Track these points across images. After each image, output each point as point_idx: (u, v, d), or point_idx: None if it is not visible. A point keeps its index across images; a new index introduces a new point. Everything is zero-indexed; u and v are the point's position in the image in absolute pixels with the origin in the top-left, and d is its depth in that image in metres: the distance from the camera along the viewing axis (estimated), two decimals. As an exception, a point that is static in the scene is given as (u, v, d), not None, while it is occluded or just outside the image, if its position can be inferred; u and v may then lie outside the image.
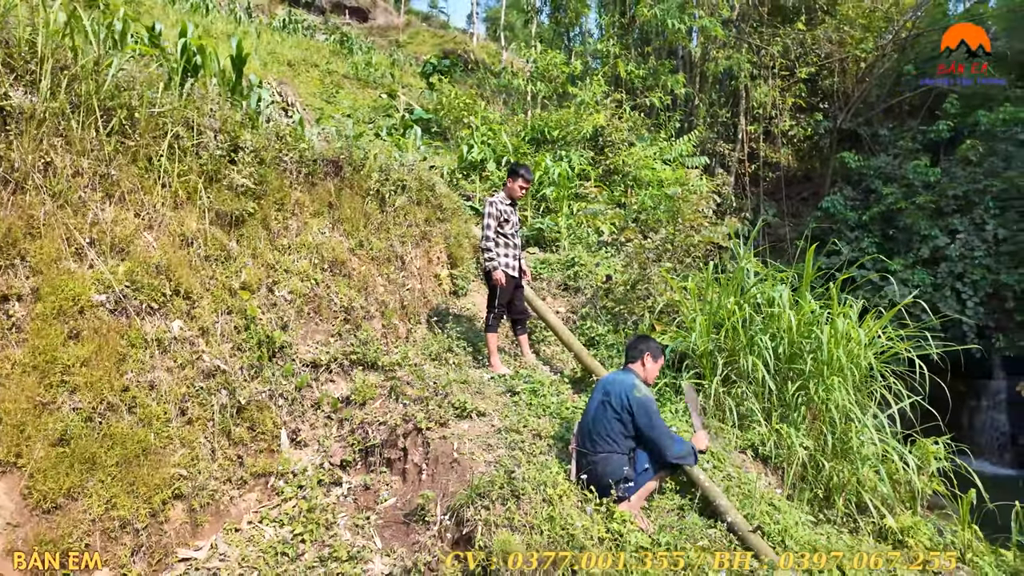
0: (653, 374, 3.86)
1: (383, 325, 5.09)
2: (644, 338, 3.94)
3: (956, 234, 13.20)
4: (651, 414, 3.51)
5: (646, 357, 3.81)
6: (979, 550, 4.39)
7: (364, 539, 3.43)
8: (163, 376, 3.48)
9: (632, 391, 3.55)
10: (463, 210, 7.14)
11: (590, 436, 3.59)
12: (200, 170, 4.19)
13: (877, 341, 4.96)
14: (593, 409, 3.67)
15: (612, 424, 3.53)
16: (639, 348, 3.85)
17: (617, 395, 3.57)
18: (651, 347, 3.85)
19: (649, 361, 3.81)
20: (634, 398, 3.53)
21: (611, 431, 3.53)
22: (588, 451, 3.57)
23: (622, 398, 3.55)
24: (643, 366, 3.81)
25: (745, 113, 14.98)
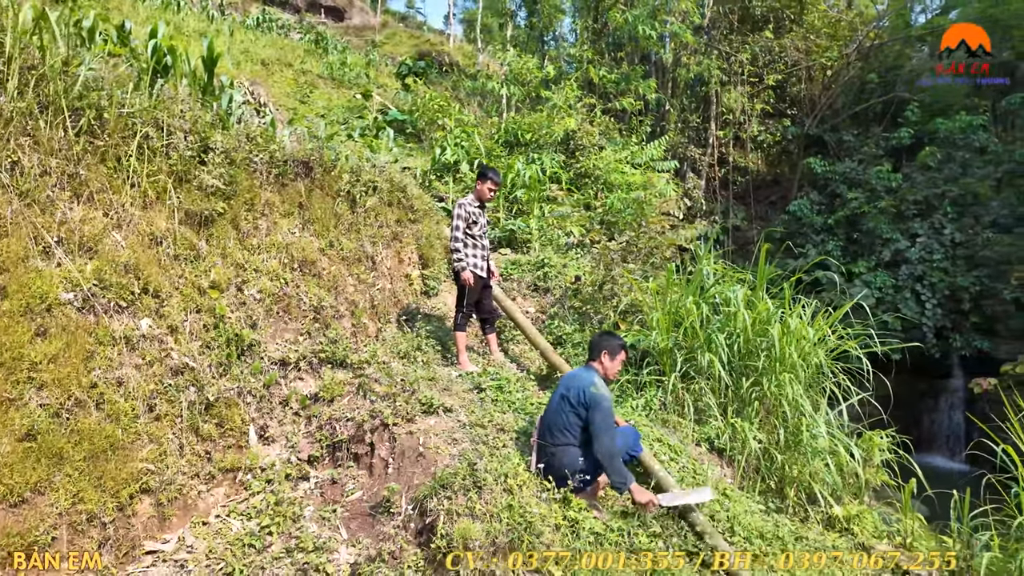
0: (613, 370, 3.97)
1: (353, 324, 5.19)
2: (605, 335, 4.06)
3: (916, 238, 13.70)
4: (604, 412, 3.61)
5: (603, 355, 3.92)
6: (920, 535, 4.65)
7: (330, 530, 3.53)
8: (131, 373, 3.54)
9: (590, 387, 3.68)
10: (435, 211, 7.25)
11: (550, 429, 3.74)
12: (170, 170, 4.24)
13: (828, 340, 5.20)
14: (554, 403, 3.82)
15: (570, 418, 3.67)
16: (599, 346, 3.96)
17: (576, 390, 3.70)
18: (609, 344, 3.95)
19: (607, 359, 3.92)
20: (590, 393, 3.65)
21: (568, 424, 3.67)
22: (547, 443, 3.71)
23: (580, 393, 3.68)
24: (602, 363, 3.92)
25: (715, 118, 15.33)
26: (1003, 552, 3.96)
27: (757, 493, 4.57)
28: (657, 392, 5.04)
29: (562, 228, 8.17)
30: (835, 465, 4.73)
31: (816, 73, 16.77)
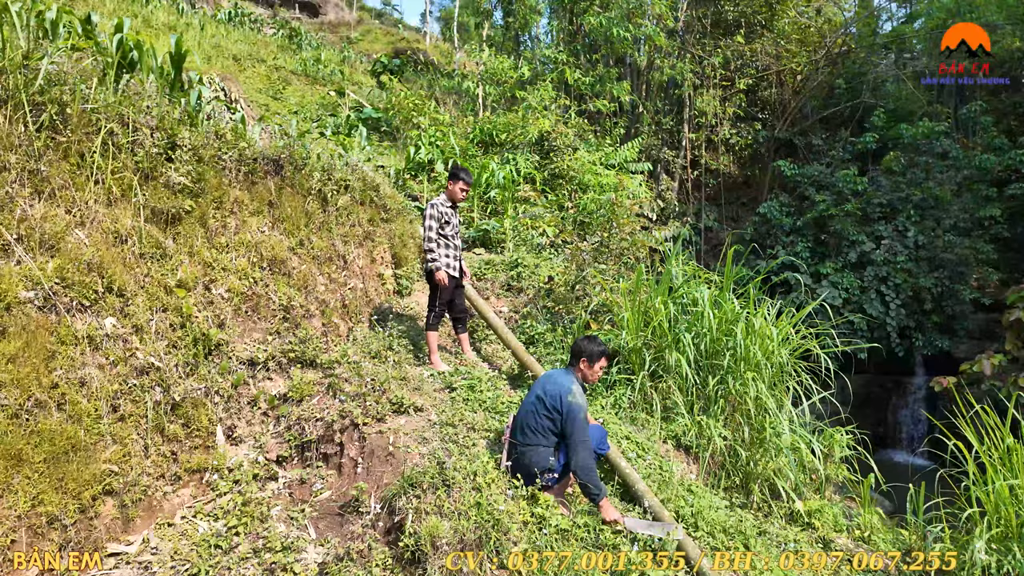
0: (592, 376, 3.94)
1: (323, 324, 5.16)
2: (587, 339, 3.99)
3: (881, 240, 14.07)
4: (579, 424, 3.60)
5: (582, 362, 3.90)
6: (878, 529, 4.81)
7: (298, 530, 3.53)
8: (94, 373, 3.48)
9: (567, 395, 3.67)
10: (408, 210, 7.24)
11: (522, 428, 3.75)
12: (135, 167, 4.18)
13: (792, 339, 5.34)
14: (529, 404, 3.81)
15: (542, 420, 3.68)
16: (579, 350, 3.93)
17: (552, 395, 3.70)
18: (590, 350, 3.90)
19: (585, 365, 3.90)
20: (566, 402, 3.64)
21: (540, 426, 3.68)
22: (519, 442, 3.73)
23: (556, 399, 3.68)
24: (580, 369, 3.91)
25: (688, 121, 15.56)
26: (953, 543, 4.13)
27: (722, 489, 4.68)
28: (626, 390, 5.12)
29: (535, 228, 8.23)
30: (797, 461, 4.87)
31: (786, 78, 17.12)
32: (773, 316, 5.31)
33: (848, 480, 5.39)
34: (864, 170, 15.68)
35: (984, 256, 13.17)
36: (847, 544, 4.55)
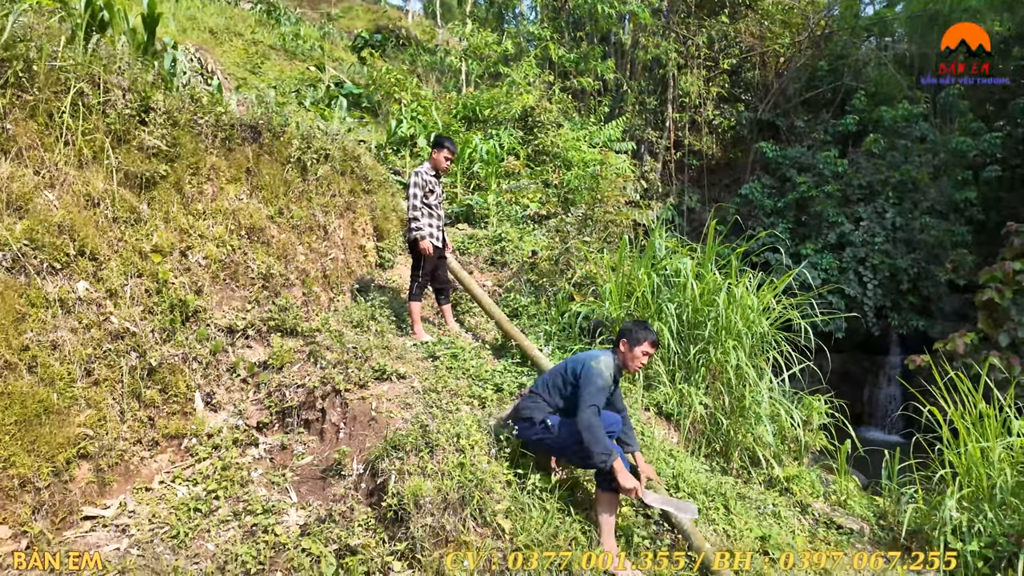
0: (634, 363, 3.59)
1: (304, 293, 5.10)
2: (635, 324, 3.68)
3: (860, 221, 14.23)
4: (590, 385, 3.35)
5: (622, 343, 3.61)
6: (853, 494, 4.91)
7: (280, 494, 3.50)
8: (67, 336, 3.40)
9: (591, 361, 3.50)
10: (390, 183, 7.16)
11: (537, 383, 3.71)
12: (107, 129, 4.06)
13: (772, 311, 5.39)
14: (557, 366, 3.73)
15: (556, 379, 3.58)
16: (620, 332, 3.68)
17: (578, 360, 3.56)
18: (631, 332, 3.61)
19: (625, 347, 3.60)
20: (587, 366, 3.46)
21: (552, 384, 3.58)
22: (529, 394, 3.67)
23: (579, 363, 3.53)
24: (620, 352, 3.62)
25: (672, 101, 15.54)
26: (926, 504, 4.23)
27: (703, 456, 4.74)
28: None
29: (519, 203, 8.19)
30: (777, 429, 4.94)
31: (769, 59, 17.14)
32: (754, 287, 5.35)
33: (826, 449, 5.48)
34: (845, 152, 15.81)
35: (959, 238, 13.39)
36: (823, 508, 4.63)
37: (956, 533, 3.80)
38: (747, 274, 5.38)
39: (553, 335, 5.60)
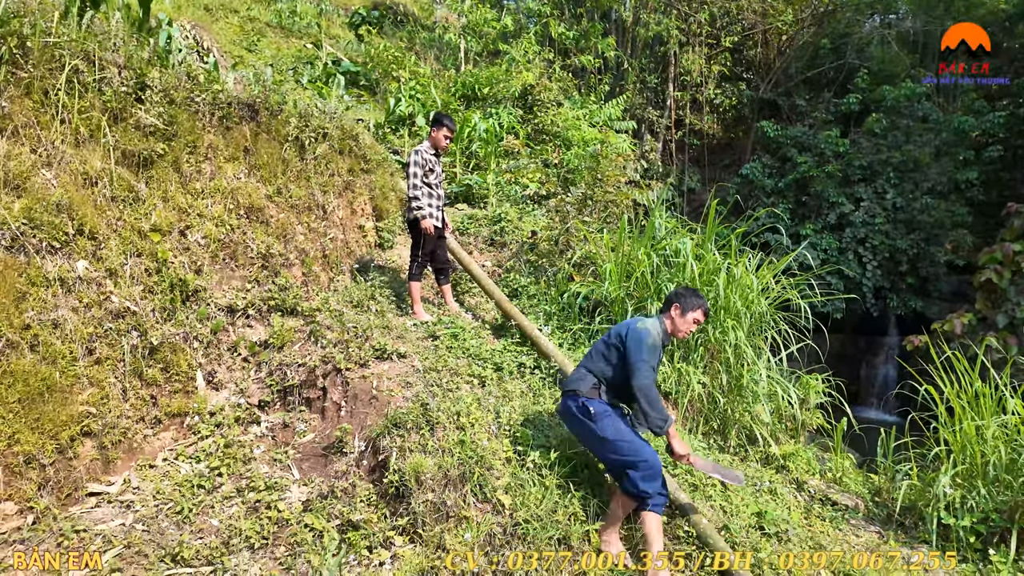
0: (682, 328, 3.41)
1: (303, 273, 5.10)
2: (685, 290, 3.54)
3: (860, 202, 14.18)
4: (640, 345, 3.19)
5: (674, 309, 3.42)
6: (849, 471, 4.97)
7: (282, 471, 3.54)
8: (68, 315, 3.41)
9: (637, 323, 3.34)
10: (389, 162, 7.11)
11: (584, 357, 3.52)
12: (103, 107, 4.03)
13: (771, 290, 5.40)
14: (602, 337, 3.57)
15: (600, 346, 3.42)
16: (670, 298, 3.50)
17: (624, 325, 3.41)
18: (684, 297, 3.45)
19: (677, 314, 3.41)
20: (634, 328, 3.30)
21: (597, 351, 3.42)
22: (576, 368, 3.51)
23: (623, 327, 3.37)
24: (671, 317, 3.43)
25: (674, 80, 15.38)
26: (920, 481, 4.28)
27: (700, 434, 4.78)
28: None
29: (518, 182, 8.15)
30: (774, 408, 4.98)
31: (772, 37, 16.93)
32: (753, 267, 5.35)
33: (822, 427, 5.53)
34: (846, 132, 15.69)
35: (960, 219, 13.36)
36: (819, 485, 4.69)
37: (949, 509, 3.85)
38: (746, 254, 5.38)
39: (552, 315, 5.61)
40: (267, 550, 3.00)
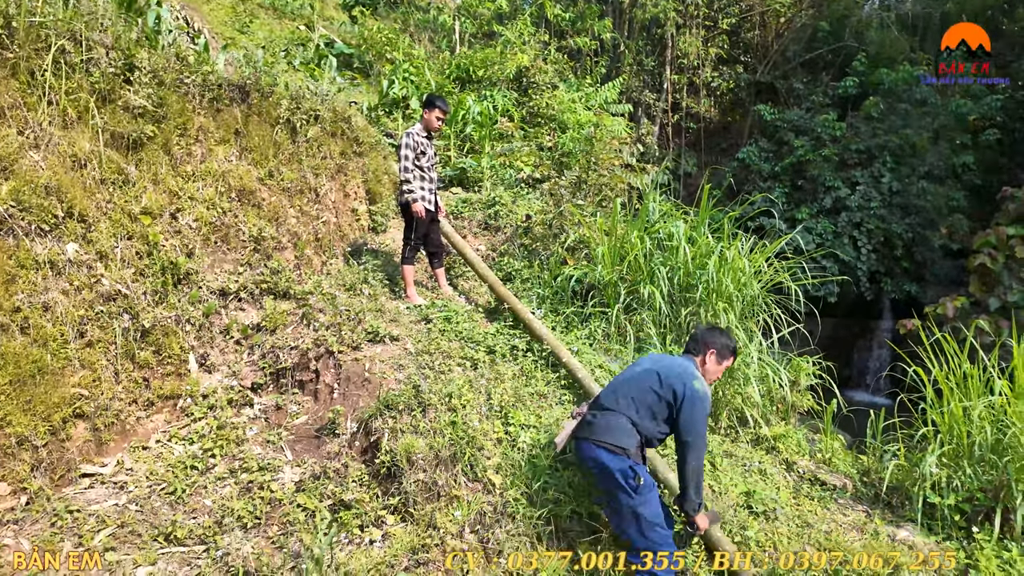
0: (714, 375, 3.16)
1: (296, 256, 5.09)
2: (716, 331, 3.21)
3: (857, 186, 14.15)
4: (698, 411, 2.84)
5: (710, 355, 3.11)
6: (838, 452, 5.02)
7: (275, 452, 3.57)
8: (58, 298, 3.41)
9: (692, 380, 2.91)
10: (382, 145, 7.07)
11: (615, 391, 3.01)
12: (91, 88, 3.99)
13: (764, 274, 5.41)
14: (635, 372, 3.07)
15: (648, 395, 2.91)
16: (705, 341, 3.14)
17: (675, 375, 2.92)
18: (721, 343, 3.13)
19: (712, 360, 3.12)
20: (692, 387, 2.87)
21: (642, 398, 2.91)
22: (603, 406, 2.99)
23: (677, 381, 2.90)
24: (703, 363, 3.11)
25: (670, 63, 15.26)
26: (908, 461, 4.34)
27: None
28: (601, 323, 5.18)
29: (512, 166, 8.12)
30: (765, 390, 5.01)
31: (769, 19, 16.79)
32: (746, 250, 5.36)
33: (813, 409, 5.57)
34: (843, 115, 15.61)
35: (956, 203, 13.35)
36: (808, 466, 4.74)
37: (935, 488, 3.90)
38: (739, 237, 5.38)
39: (546, 298, 5.63)
40: (260, 529, 3.03)
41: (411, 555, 2.88)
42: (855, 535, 3.58)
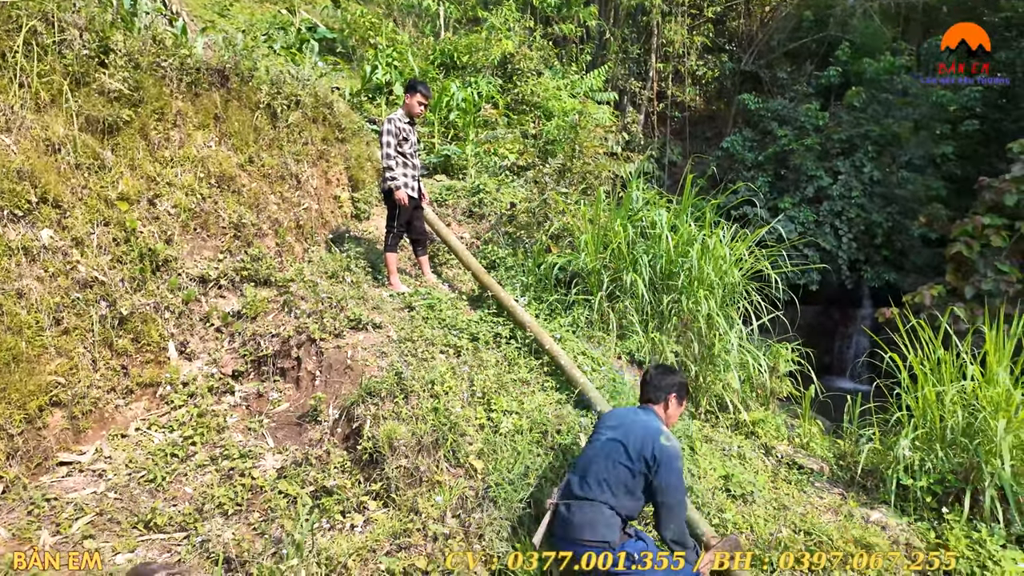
0: (675, 418, 3.04)
1: (277, 244, 5.05)
2: (669, 371, 3.06)
3: (838, 175, 14.30)
4: (674, 472, 2.67)
5: (671, 398, 2.98)
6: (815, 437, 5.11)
7: (256, 439, 3.56)
8: (33, 285, 3.36)
9: (659, 439, 2.72)
10: (365, 131, 7.00)
11: (584, 477, 2.77)
12: (64, 71, 3.91)
13: (745, 262, 5.46)
14: (599, 446, 2.82)
15: (619, 471, 2.70)
16: (664, 385, 2.98)
17: (640, 442, 2.73)
18: (676, 385, 3.00)
19: (673, 404, 2.99)
20: (662, 448, 2.69)
21: (615, 478, 2.70)
22: (576, 495, 2.74)
23: (645, 448, 2.70)
24: (666, 409, 2.98)
25: (656, 51, 15.24)
26: (883, 445, 4.43)
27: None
28: (584, 310, 5.21)
29: (497, 153, 8.09)
30: (745, 376, 5.08)
31: (755, 8, 16.82)
32: (728, 238, 5.40)
33: (792, 395, 5.66)
34: (826, 105, 15.73)
35: (935, 193, 13.54)
36: (786, 450, 4.83)
37: (908, 471, 4.00)
38: (722, 226, 5.42)
39: (529, 286, 5.64)
40: (241, 516, 3.03)
41: (393, 540, 2.90)
42: (830, 517, 3.67)
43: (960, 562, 3.24)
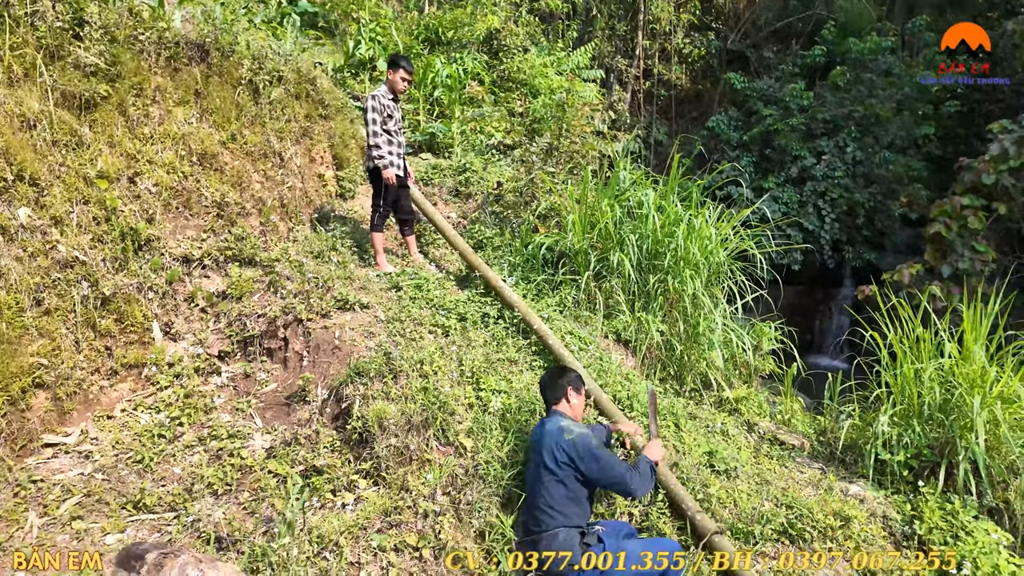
0: (581, 409, 3.18)
1: (261, 223, 4.98)
2: (560, 371, 3.25)
3: (822, 155, 14.39)
4: (595, 453, 2.81)
5: (568, 392, 3.12)
6: (797, 414, 5.22)
7: (244, 420, 3.56)
8: (11, 265, 3.29)
9: (563, 436, 2.86)
10: (349, 108, 6.89)
11: (532, 513, 2.85)
12: (38, 44, 3.78)
13: (730, 242, 5.51)
14: (532, 475, 2.94)
15: (553, 490, 2.80)
16: (559, 384, 3.13)
17: (549, 449, 2.85)
18: (568, 379, 3.16)
19: (573, 396, 3.13)
20: (568, 443, 2.83)
21: (553, 499, 2.79)
22: (533, 531, 2.82)
23: (555, 451, 2.83)
24: (568, 403, 3.12)
25: (642, 28, 15.11)
26: (862, 421, 4.54)
27: (658, 379, 4.94)
28: (571, 290, 5.23)
29: (483, 131, 8.01)
30: (728, 354, 5.16)
31: (742, -14, 16.70)
32: (714, 218, 5.43)
33: (774, 373, 5.76)
34: (811, 85, 15.75)
35: (916, 173, 13.69)
36: (769, 427, 4.93)
37: (887, 446, 4.11)
38: (707, 206, 5.45)
39: (517, 266, 5.64)
40: (231, 496, 3.04)
41: (384, 517, 2.92)
42: (810, 491, 3.76)
43: (934, 532, 3.35)
